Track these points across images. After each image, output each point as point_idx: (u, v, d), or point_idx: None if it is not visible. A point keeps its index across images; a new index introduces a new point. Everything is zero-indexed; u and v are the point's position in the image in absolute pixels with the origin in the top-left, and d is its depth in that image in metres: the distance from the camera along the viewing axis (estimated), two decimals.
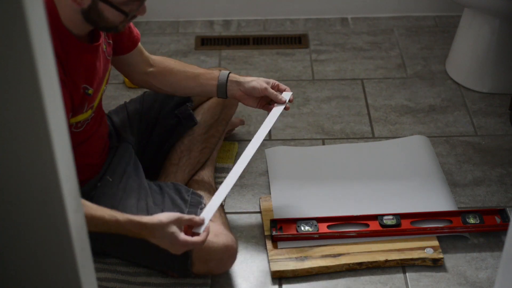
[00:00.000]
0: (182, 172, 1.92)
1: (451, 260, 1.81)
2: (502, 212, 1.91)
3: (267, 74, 2.52)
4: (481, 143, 2.21)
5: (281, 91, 1.85)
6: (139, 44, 1.82)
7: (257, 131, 2.25)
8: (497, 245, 1.85)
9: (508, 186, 2.05)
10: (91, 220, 1.47)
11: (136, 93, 2.37)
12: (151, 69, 1.85)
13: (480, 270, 1.79)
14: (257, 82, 1.81)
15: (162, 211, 1.69)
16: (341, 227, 1.87)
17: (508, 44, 2.36)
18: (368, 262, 1.78)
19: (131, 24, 1.76)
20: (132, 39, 1.79)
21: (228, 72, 1.84)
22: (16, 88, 0.83)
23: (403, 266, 1.79)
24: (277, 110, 1.81)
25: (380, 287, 1.74)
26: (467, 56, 2.43)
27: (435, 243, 1.83)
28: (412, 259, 1.79)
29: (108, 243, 1.73)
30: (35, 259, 0.97)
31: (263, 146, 1.86)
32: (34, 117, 0.84)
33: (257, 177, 2.09)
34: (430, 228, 1.85)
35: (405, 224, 1.86)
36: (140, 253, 1.73)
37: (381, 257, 1.79)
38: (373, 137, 2.24)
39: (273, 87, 1.83)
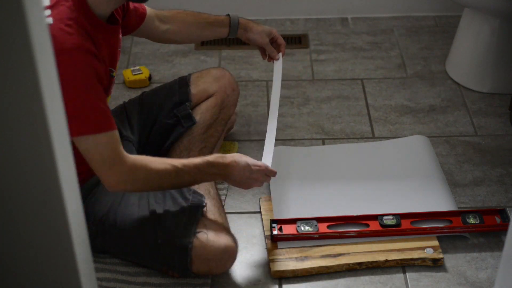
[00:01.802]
0: None
1: (451, 260, 1.81)
2: (502, 212, 1.90)
3: (267, 74, 2.52)
4: (481, 143, 2.21)
5: (279, 45, 2.05)
6: (147, 13, 1.90)
7: (256, 131, 2.25)
8: (497, 245, 1.85)
9: (508, 186, 2.05)
10: (158, 172, 1.59)
11: (136, 93, 2.36)
12: (167, 27, 1.96)
13: (480, 270, 1.78)
14: (260, 35, 2.02)
15: (164, 209, 1.69)
16: (341, 227, 1.87)
17: (508, 44, 2.36)
18: (368, 262, 1.78)
19: None
20: (139, 14, 1.87)
21: (237, 18, 2.02)
22: (16, 88, 0.83)
23: (403, 266, 1.79)
24: (278, 67, 2.06)
25: (380, 287, 1.74)
26: (467, 56, 2.43)
27: (435, 243, 1.83)
28: (412, 259, 1.79)
29: (108, 242, 1.74)
30: (35, 259, 0.97)
31: (263, 146, 1.86)
32: (34, 117, 0.84)
33: None
34: (430, 228, 1.85)
35: (405, 224, 1.86)
36: (140, 253, 1.73)
37: (381, 257, 1.79)
38: (373, 137, 2.24)
39: (273, 40, 2.05)
